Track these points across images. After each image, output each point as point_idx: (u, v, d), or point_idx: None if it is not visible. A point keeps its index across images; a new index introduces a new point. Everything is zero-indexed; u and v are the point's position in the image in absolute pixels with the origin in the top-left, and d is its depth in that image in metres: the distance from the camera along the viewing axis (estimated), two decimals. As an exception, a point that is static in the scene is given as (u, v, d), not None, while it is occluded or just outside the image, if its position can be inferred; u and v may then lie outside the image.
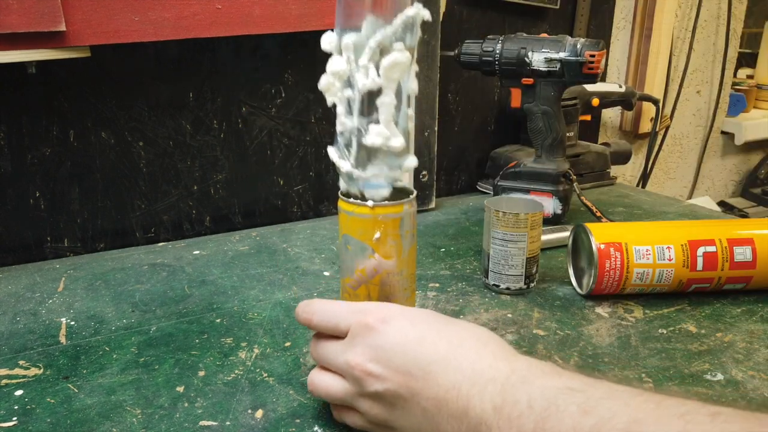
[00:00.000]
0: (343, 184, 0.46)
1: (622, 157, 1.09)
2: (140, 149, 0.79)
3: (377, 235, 0.43)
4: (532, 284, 0.64)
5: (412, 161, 0.45)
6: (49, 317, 0.60)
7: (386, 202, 0.43)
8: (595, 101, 1.03)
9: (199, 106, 0.81)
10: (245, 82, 0.83)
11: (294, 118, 0.87)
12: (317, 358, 0.41)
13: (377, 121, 0.42)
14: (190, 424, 0.44)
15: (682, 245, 0.58)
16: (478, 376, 0.34)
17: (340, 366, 0.39)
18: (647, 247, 0.58)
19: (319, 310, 0.41)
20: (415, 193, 0.45)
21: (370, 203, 0.43)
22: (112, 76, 0.75)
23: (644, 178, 1.32)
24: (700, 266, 0.58)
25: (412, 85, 0.43)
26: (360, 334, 0.38)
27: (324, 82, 0.43)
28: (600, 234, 0.60)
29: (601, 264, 0.58)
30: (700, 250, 0.58)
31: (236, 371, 0.50)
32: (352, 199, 0.43)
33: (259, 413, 0.45)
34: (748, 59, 1.58)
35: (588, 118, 1.07)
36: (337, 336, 0.40)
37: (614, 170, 1.10)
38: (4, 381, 0.49)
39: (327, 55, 0.43)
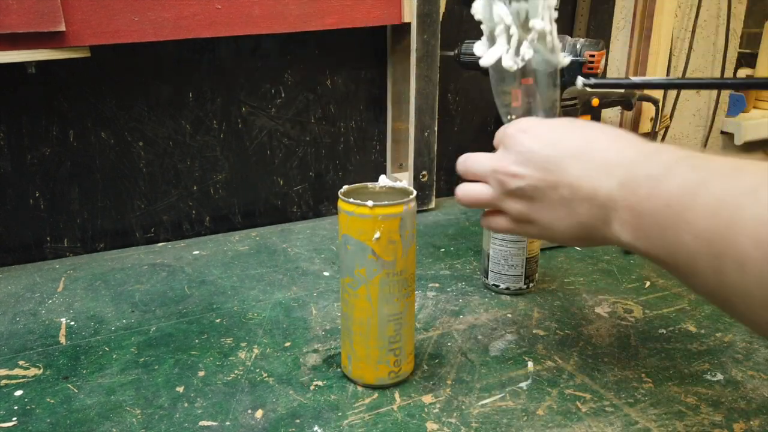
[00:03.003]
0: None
1: (622, 157, 1.09)
2: (140, 149, 0.79)
3: (377, 235, 0.43)
4: (531, 284, 0.64)
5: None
6: (48, 317, 0.60)
7: (386, 202, 0.43)
8: (595, 101, 1.03)
9: (198, 106, 0.81)
10: (245, 82, 0.83)
11: (294, 118, 0.87)
12: (465, 171, 0.47)
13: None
14: (190, 425, 0.44)
15: None
16: (607, 163, 0.38)
17: (486, 173, 0.45)
18: None
19: (464, 161, 0.48)
20: (414, 193, 0.45)
21: (369, 203, 0.43)
22: (112, 76, 0.75)
23: (644, 178, 1.32)
24: None
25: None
26: (503, 143, 0.44)
27: None
28: None
29: None
30: None
31: (236, 371, 0.50)
32: (351, 199, 0.43)
33: (258, 413, 0.45)
34: (747, 59, 1.58)
35: (588, 118, 1.07)
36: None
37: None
38: (4, 381, 0.49)
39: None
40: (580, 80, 0.57)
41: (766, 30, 1.45)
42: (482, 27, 0.49)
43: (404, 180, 0.91)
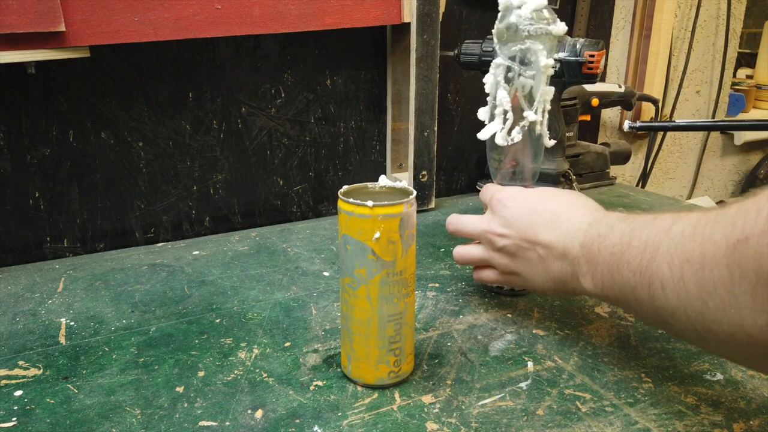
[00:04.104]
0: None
1: (622, 157, 1.09)
2: (140, 149, 0.79)
3: (377, 235, 0.43)
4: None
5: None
6: (48, 318, 0.60)
7: (386, 202, 0.43)
8: (595, 101, 1.03)
9: (198, 107, 0.81)
10: (245, 82, 0.83)
11: (294, 118, 0.87)
12: (456, 231, 0.58)
13: None
14: (190, 425, 0.44)
15: None
16: (571, 228, 0.48)
17: (477, 233, 0.55)
18: None
19: (455, 222, 0.58)
20: (414, 193, 0.45)
21: (369, 203, 0.43)
22: (112, 76, 0.75)
23: (644, 178, 1.32)
24: None
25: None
26: (491, 207, 0.55)
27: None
28: None
29: None
30: None
31: (236, 371, 0.50)
32: (351, 199, 0.43)
33: (258, 413, 0.45)
34: (747, 59, 1.58)
35: (587, 118, 1.07)
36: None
37: (614, 170, 1.10)
38: (4, 381, 0.49)
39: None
40: (627, 124, 0.63)
41: (765, 30, 1.45)
42: (488, 98, 0.59)
43: (404, 180, 0.91)
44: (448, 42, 0.91)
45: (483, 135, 0.58)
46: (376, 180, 0.48)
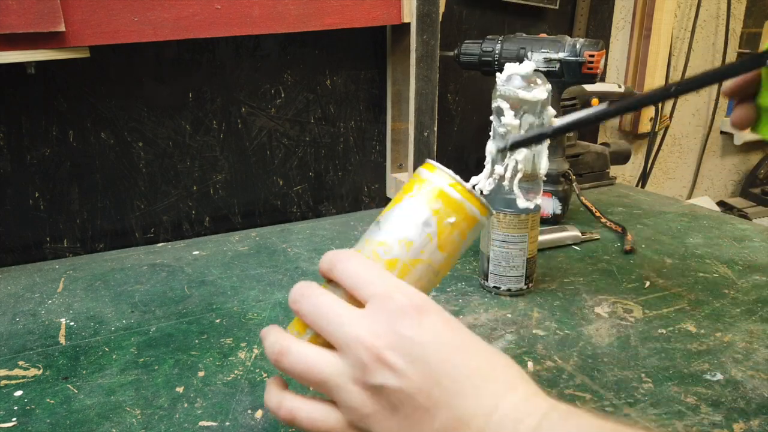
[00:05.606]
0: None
1: (622, 157, 1.09)
2: (140, 149, 0.79)
3: (452, 219, 0.37)
4: (530, 284, 0.64)
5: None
6: (48, 318, 0.60)
7: (483, 198, 0.38)
8: (595, 101, 1.03)
9: (198, 107, 0.81)
10: (245, 82, 0.83)
11: (293, 118, 0.87)
12: (310, 313, 0.34)
13: None
14: (190, 425, 0.44)
15: None
16: (510, 409, 0.30)
17: (344, 338, 0.32)
18: None
19: (345, 259, 0.35)
20: (493, 213, 0.41)
21: (468, 185, 0.38)
22: (112, 76, 0.75)
23: (644, 178, 1.32)
24: None
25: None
26: (386, 312, 0.32)
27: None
28: None
29: None
30: None
31: (236, 371, 0.50)
32: (451, 172, 0.38)
33: (258, 413, 0.45)
34: (747, 59, 1.58)
35: (587, 118, 1.07)
36: (355, 302, 0.34)
37: (614, 170, 1.10)
38: (4, 381, 0.49)
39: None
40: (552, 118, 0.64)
41: (765, 30, 1.45)
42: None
43: (405, 179, 0.91)
44: (448, 42, 0.91)
45: (473, 180, 0.59)
46: (377, 179, 0.48)
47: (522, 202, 0.59)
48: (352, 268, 0.34)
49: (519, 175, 0.58)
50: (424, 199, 0.37)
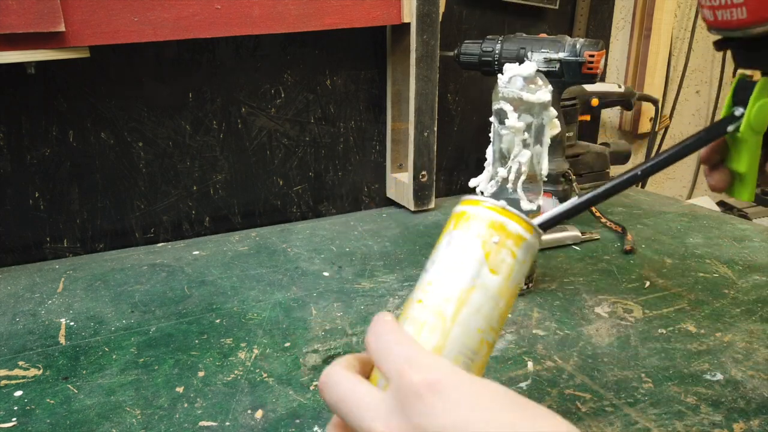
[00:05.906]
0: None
1: (622, 157, 1.09)
2: (140, 150, 0.79)
3: (495, 239, 0.34)
4: (530, 284, 0.64)
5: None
6: (48, 318, 0.60)
7: (524, 216, 0.36)
8: (595, 101, 1.03)
9: (198, 107, 0.81)
10: (245, 82, 0.83)
11: (293, 118, 0.87)
12: (335, 403, 0.30)
13: None
14: (190, 425, 0.44)
15: None
16: None
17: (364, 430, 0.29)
18: None
19: (371, 327, 0.32)
20: (541, 234, 0.36)
21: (507, 206, 0.35)
22: (112, 76, 0.75)
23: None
24: None
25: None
26: (401, 395, 0.28)
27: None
28: None
29: None
30: None
31: (236, 371, 0.50)
32: (491, 199, 0.36)
33: (258, 413, 0.45)
34: (747, 59, 1.58)
35: (587, 118, 1.07)
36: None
37: (614, 170, 1.10)
38: (4, 381, 0.49)
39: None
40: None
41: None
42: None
43: (405, 179, 0.91)
44: (448, 42, 0.90)
45: (473, 182, 0.62)
46: (377, 179, 0.47)
47: (525, 204, 0.59)
48: (372, 337, 0.32)
49: (522, 177, 0.58)
50: (465, 229, 0.35)
